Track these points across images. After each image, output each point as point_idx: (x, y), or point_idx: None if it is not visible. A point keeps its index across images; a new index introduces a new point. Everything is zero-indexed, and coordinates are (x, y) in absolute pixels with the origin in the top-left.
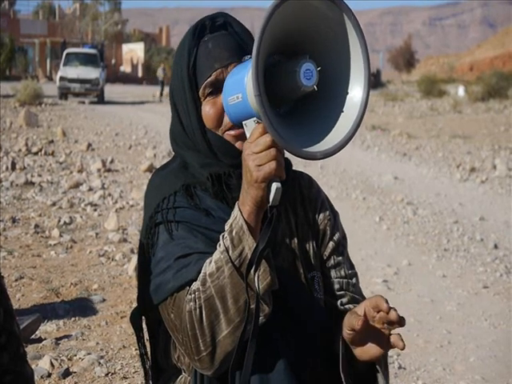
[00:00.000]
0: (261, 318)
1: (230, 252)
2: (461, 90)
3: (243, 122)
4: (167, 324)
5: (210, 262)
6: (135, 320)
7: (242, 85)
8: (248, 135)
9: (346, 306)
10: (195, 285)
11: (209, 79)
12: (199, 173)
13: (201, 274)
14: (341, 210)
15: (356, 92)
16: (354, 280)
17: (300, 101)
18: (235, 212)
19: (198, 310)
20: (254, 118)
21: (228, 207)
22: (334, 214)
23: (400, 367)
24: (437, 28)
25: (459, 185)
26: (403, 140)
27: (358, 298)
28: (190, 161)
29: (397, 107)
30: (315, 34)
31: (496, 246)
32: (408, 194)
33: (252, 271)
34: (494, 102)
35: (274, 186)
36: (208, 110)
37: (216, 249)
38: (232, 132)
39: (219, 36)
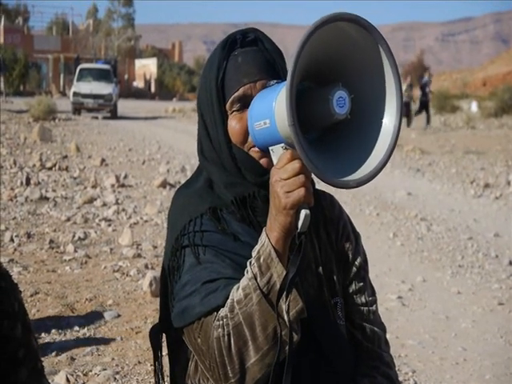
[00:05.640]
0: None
1: (258, 279)
2: (474, 106)
3: (270, 148)
4: (193, 348)
5: (238, 289)
6: (155, 338)
7: (269, 111)
8: (275, 161)
9: (366, 345)
10: (223, 311)
11: (236, 93)
12: (224, 194)
13: (228, 301)
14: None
15: (388, 119)
16: (374, 307)
17: (329, 127)
18: (263, 238)
19: (226, 336)
20: (282, 144)
21: (254, 231)
22: (356, 237)
23: None
24: (449, 44)
25: (473, 201)
26: (416, 156)
27: (377, 331)
28: (215, 179)
29: None
30: (348, 61)
31: (511, 263)
32: (422, 209)
33: (282, 299)
34: (508, 117)
35: (303, 212)
36: (234, 125)
37: (243, 274)
38: (257, 149)
39: (249, 51)
